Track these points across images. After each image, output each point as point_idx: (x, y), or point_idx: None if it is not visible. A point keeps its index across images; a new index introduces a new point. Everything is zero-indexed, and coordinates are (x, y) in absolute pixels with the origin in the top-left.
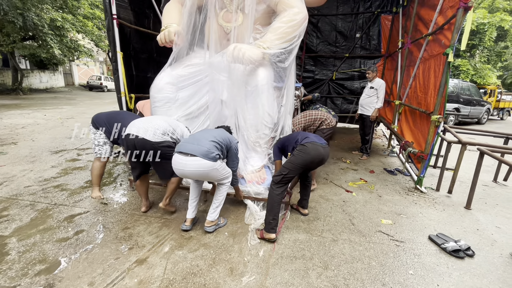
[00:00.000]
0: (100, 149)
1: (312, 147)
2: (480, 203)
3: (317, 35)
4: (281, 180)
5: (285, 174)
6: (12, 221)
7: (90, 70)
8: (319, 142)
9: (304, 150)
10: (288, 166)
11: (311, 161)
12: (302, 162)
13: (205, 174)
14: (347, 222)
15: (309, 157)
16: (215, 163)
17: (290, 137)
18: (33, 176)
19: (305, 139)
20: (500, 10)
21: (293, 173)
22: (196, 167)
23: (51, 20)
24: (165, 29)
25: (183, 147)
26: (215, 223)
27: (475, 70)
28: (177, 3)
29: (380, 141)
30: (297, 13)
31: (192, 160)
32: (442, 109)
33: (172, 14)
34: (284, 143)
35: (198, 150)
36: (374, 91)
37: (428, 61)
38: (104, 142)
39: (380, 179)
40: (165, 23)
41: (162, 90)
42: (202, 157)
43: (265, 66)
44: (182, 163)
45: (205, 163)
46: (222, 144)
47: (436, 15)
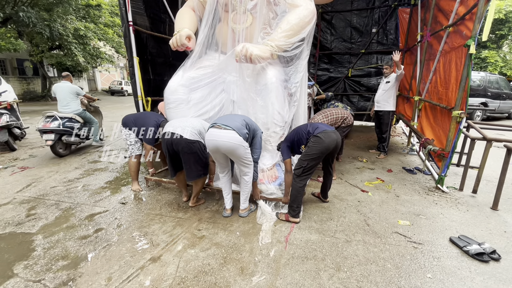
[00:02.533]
0: (133, 148)
1: (325, 135)
2: (508, 204)
3: (331, 32)
4: (302, 172)
5: (305, 166)
6: (39, 219)
7: (111, 76)
8: (329, 129)
9: (318, 141)
10: (306, 158)
11: (327, 149)
12: (319, 151)
13: (235, 148)
14: (361, 223)
15: (324, 146)
16: (244, 141)
17: (299, 130)
18: (58, 177)
19: (317, 130)
20: None
21: (312, 163)
22: (229, 139)
23: (75, 29)
24: (177, 33)
25: (219, 121)
26: (248, 209)
27: (504, 61)
28: (189, 9)
29: (399, 139)
30: (304, 9)
31: (226, 133)
32: (464, 104)
33: (184, 19)
34: (293, 139)
35: (233, 124)
36: (392, 86)
37: (449, 54)
38: (136, 141)
39: (398, 178)
40: (177, 27)
41: (176, 92)
42: (236, 131)
43: (274, 65)
44: (216, 134)
45: (237, 137)
46: (250, 128)
47: (456, 5)
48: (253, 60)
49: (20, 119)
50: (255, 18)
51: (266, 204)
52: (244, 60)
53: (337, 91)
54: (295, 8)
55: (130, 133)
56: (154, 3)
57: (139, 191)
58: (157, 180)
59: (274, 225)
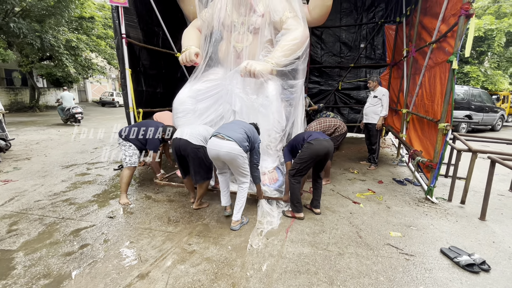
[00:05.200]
0: (130, 159)
1: (316, 142)
2: (496, 214)
3: (321, 46)
4: (295, 173)
5: (298, 168)
6: (21, 235)
7: (102, 87)
8: (321, 137)
9: (309, 146)
10: (299, 161)
11: (317, 154)
12: (309, 155)
13: (234, 157)
14: (354, 235)
15: (314, 151)
16: (244, 152)
17: (298, 137)
18: (43, 190)
19: (310, 137)
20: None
21: (304, 166)
22: (229, 149)
23: (67, 41)
24: (186, 50)
25: (221, 131)
26: (240, 221)
27: (485, 76)
28: (194, 28)
29: (389, 150)
30: (300, 32)
31: (227, 143)
32: (449, 117)
33: (191, 38)
34: (293, 145)
35: (234, 136)
36: (378, 100)
37: (433, 68)
38: (134, 153)
39: (389, 189)
40: (185, 45)
41: (184, 103)
42: (236, 143)
43: (274, 79)
44: (218, 144)
45: (237, 148)
46: (251, 139)
47: (439, 23)
48: (256, 75)
49: (5, 131)
50: (255, 38)
51: (268, 204)
52: (248, 75)
53: (328, 104)
54: (292, 31)
55: (130, 145)
56: (147, 16)
57: (128, 205)
58: (167, 184)
59: (266, 238)
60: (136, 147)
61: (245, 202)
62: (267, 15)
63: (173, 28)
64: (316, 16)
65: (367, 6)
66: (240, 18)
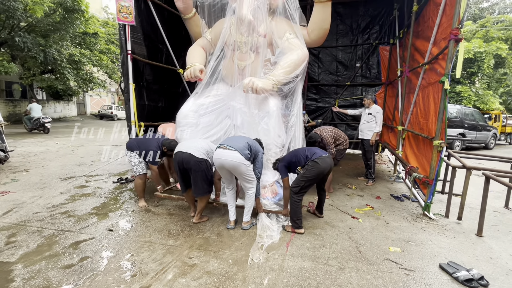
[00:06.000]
0: (137, 168)
1: (320, 160)
2: (492, 230)
3: (318, 65)
4: (299, 190)
5: (302, 186)
6: (19, 248)
7: (102, 100)
8: (324, 155)
9: (315, 165)
10: (304, 178)
11: (323, 172)
12: (316, 173)
13: (237, 165)
14: (353, 250)
15: (321, 170)
16: (246, 160)
17: (297, 153)
18: (42, 202)
19: (314, 155)
20: (495, 39)
21: (309, 183)
22: (232, 158)
23: (70, 55)
24: (191, 67)
25: (225, 142)
26: (250, 222)
27: (477, 96)
28: (199, 47)
29: (386, 166)
30: (299, 52)
31: (230, 152)
32: (443, 134)
33: (196, 55)
34: (290, 160)
35: (236, 146)
36: (372, 117)
37: (426, 88)
38: (139, 161)
39: (387, 205)
40: (190, 62)
41: (187, 117)
42: (238, 152)
43: (275, 96)
44: (222, 154)
45: (239, 156)
46: (252, 149)
47: (430, 46)
48: (258, 91)
49: (4, 142)
50: (257, 57)
51: (267, 217)
52: (251, 91)
53: (325, 120)
54: (292, 51)
55: (135, 154)
56: (153, 34)
57: (146, 207)
58: (167, 196)
59: (267, 252)
60: (139, 156)
61: (252, 205)
62: (268, 36)
63: (176, 45)
64: (315, 38)
65: (362, 28)
66: (243, 38)
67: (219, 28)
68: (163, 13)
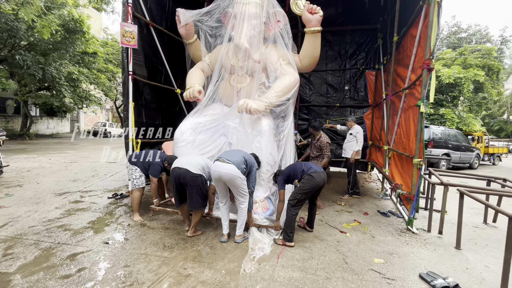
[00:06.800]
0: (137, 181)
1: (317, 175)
2: (470, 244)
3: (309, 87)
4: (296, 203)
5: (299, 198)
6: (17, 259)
7: (96, 117)
8: (319, 170)
9: (311, 178)
10: (301, 191)
11: (317, 185)
12: (311, 187)
13: (233, 178)
14: (340, 261)
15: (316, 183)
16: (242, 174)
17: (295, 168)
18: (37, 216)
19: (310, 169)
20: (472, 66)
21: (305, 196)
22: (229, 171)
23: (68, 73)
24: (190, 88)
25: (223, 155)
26: (242, 235)
27: (459, 118)
28: (198, 69)
29: (374, 184)
30: (291, 77)
31: (228, 165)
32: (422, 153)
33: (195, 77)
34: (289, 174)
35: (233, 159)
36: (353, 137)
37: (407, 111)
38: (140, 175)
39: (373, 220)
40: (189, 83)
41: (184, 134)
42: (235, 165)
43: (267, 116)
44: (220, 166)
45: (236, 169)
46: (248, 164)
47: (409, 73)
48: (252, 112)
49: (0, 157)
50: (252, 80)
51: (258, 231)
52: (245, 112)
53: None
54: (284, 76)
55: (136, 168)
56: (153, 56)
57: (141, 221)
58: (162, 209)
59: (259, 263)
60: (141, 170)
61: (245, 219)
62: (263, 61)
63: (175, 67)
64: (306, 65)
65: (350, 54)
66: (239, 62)
67: (217, 53)
68: (163, 37)
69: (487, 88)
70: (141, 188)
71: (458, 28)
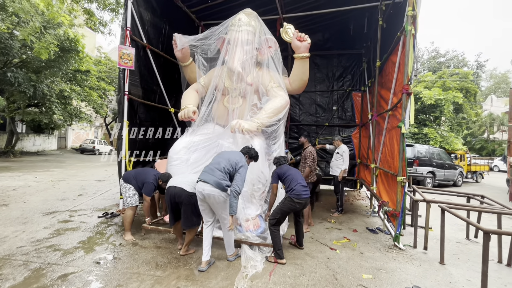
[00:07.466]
0: (131, 200)
1: (297, 200)
2: (454, 259)
3: (299, 107)
4: (276, 223)
5: (278, 218)
6: (6, 280)
7: (85, 134)
8: (302, 194)
9: (291, 203)
10: (280, 212)
11: (296, 209)
12: (289, 210)
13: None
14: (330, 277)
15: (294, 208)
16: (224, 192)
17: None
18: (25, 236)
19: (294, 191)
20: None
21: (284, 216)
22: (210, 191)
23: (60, 90)
24: (185, 108)
25: (202, 177)
26: (235, 253)
27: (442, 137)
28: (193, 90)
29: (363, 202)
30: (282, 99)
31: (208, 186)
32: (404, 171)
33: (190, 98)
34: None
35: (212, 180)
36: (340, 156)
37: (391, 131)
38: (134, 193)
39: (362, 237)
40: (184, 104)
41: (179, 152)
42: (213, 186)
43: (259, 136)
44: (201, 187)
45: (216, 190)
46: (231, 171)
47: (391, 95)
48: (244, 132)
49: None
50: (244, 101)
51: (250, 249)
52: (238, 132)
53: None
54: (275, 98)
55: (130, 186)
56: (149, 77)
57: (133, 240)
58: (154, 228)
59: (251, 281)
60: (134, 188)
61: (232, 237)
62: (255, 84)
63: (169, 87)
64: (295, 87)
65: (337, 77)
66: (233, 85)
67: (211, 76)
68: (159, 59)
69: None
70: (134, 206)
71: (437, 53)
